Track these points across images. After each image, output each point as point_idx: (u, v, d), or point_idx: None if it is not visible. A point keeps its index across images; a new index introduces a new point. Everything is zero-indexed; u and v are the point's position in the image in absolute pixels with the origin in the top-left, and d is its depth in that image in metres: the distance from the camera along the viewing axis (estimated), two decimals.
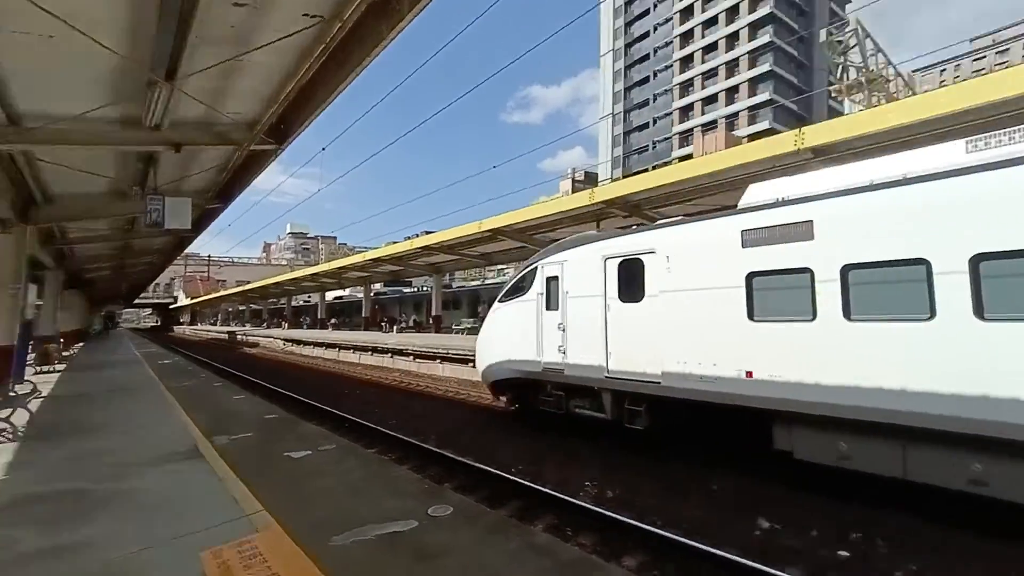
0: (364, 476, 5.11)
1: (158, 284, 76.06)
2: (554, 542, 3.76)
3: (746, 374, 6.06)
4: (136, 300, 70.86)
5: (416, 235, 30.98)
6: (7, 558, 3.44)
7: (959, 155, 5.16)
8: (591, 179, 69.76)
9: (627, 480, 6.50)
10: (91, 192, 11.16)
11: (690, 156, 43.24)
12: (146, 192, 9.66)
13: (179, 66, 5.93)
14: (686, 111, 65.57)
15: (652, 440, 7.71)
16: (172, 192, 10.47)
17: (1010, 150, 4.82)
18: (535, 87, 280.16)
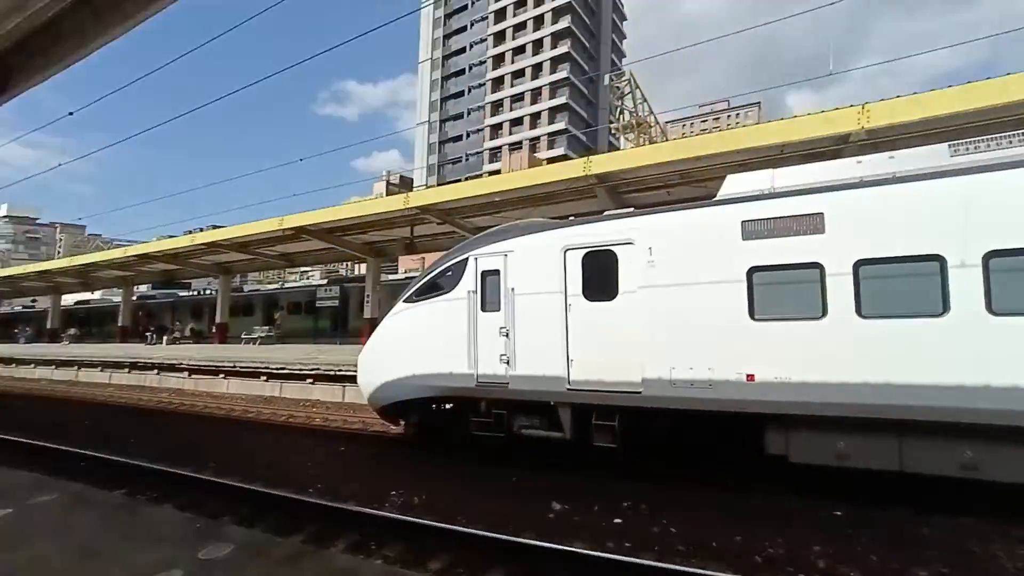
0: (102, 529, 4.02)
1: None
2: (357, 561, 3.52)
3: (747, 377, 5.59)
4: None
5: (199, 229, 26.23)
6: None
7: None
8: (406, 183, 69.47)
9: (432, 485, 6.49)
10: None
11: (499, 171, 46.48)
12: None
13: None
14: (496, 129, 70.07)
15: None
16: None
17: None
18: (351, 82, 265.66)
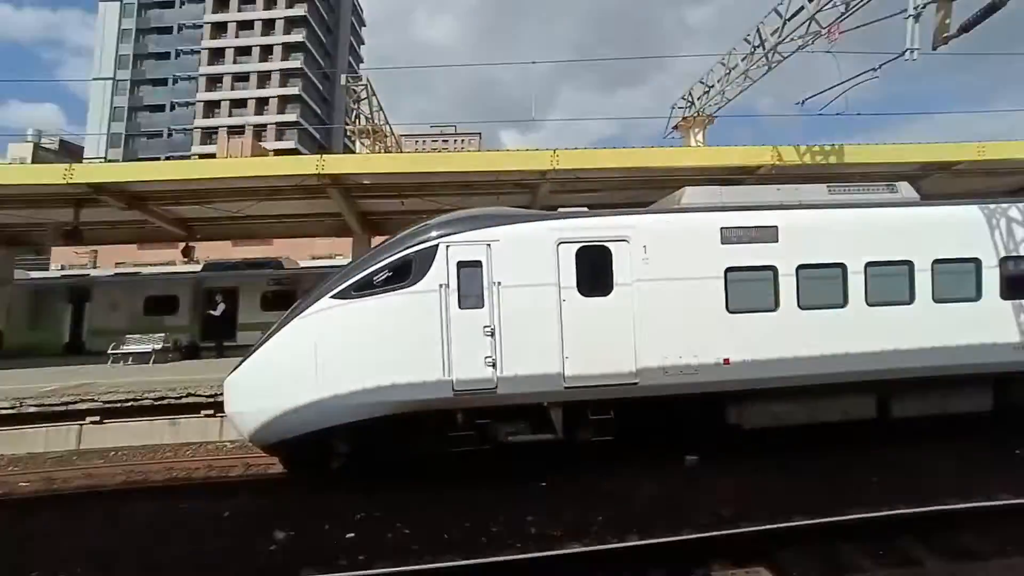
0: None
1: None
2: None
3: (724, 361, 6.74)
4: None
5: None
6: None
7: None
8: (72, 153, 52.54)
9: None
10: None
11: (213, 155, 40.47)
12: None
13: None
14: (213, 107, 60.83)
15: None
16: None
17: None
18: None
